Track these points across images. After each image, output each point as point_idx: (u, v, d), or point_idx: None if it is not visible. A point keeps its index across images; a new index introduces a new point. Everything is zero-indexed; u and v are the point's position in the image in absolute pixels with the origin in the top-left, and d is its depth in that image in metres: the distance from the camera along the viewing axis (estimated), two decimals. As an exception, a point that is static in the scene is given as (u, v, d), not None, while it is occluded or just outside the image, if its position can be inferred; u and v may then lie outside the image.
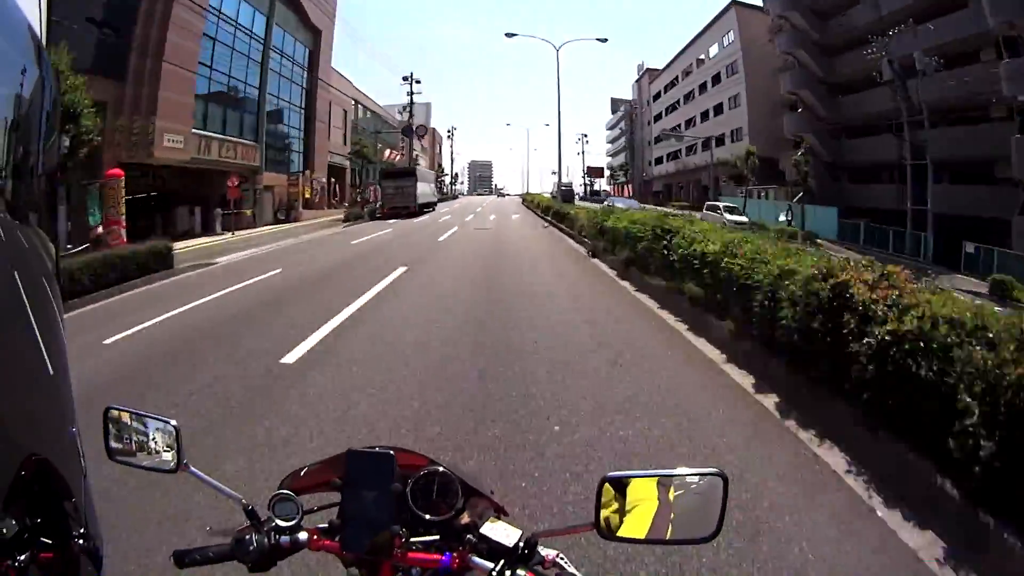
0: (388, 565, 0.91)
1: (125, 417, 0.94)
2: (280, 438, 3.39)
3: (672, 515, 0.79)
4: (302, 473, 1.07)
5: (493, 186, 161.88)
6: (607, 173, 76.66)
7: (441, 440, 3.31)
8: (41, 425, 0.36)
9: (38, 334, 0.35)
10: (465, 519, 0.96)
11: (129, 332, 6.26)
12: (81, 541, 0.38)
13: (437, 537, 0.95)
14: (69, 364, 0.87)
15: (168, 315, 7.07)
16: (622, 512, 0.81)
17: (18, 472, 0.33)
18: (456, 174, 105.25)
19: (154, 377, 4.65)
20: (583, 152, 79.21)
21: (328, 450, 4.00)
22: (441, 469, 0.98)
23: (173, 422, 0.95)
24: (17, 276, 0.33)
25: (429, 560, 0.91)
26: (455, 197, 72.93)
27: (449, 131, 79.19)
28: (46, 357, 0.36)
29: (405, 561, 0.91)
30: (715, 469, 0.81)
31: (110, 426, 0.92)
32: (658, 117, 57.36)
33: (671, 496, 0.80)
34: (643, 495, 0.81)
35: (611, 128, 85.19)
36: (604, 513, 0.82)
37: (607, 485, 0.82)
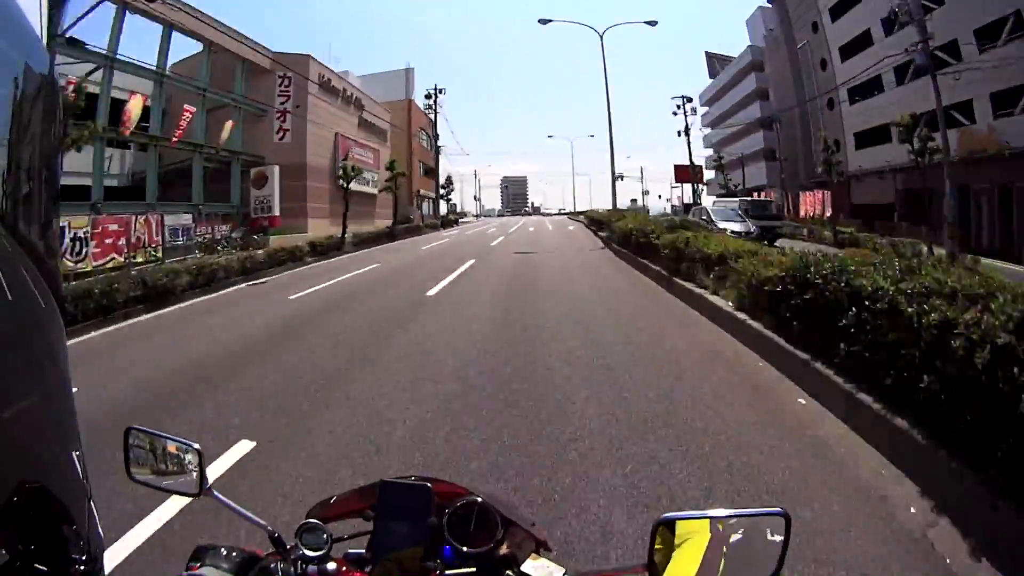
0: None
1: (146, 439, 0.93)
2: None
3: (727, 557, 0.73)
4: (332, 501, 1.05)
5: (530, 204, 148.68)
6: (708, 175, 44.45)
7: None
8: (38, 448, 0.32)
9: (33, 354, 0.30)
10: (504, 551, 0.92)
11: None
12: (81, 567, 0.34)
13: (473, 570, 0.91)
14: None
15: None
16: (671, 553, 0.76)
17: (9, 498, 0.30)
18: (476, 195, 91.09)
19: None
20: (685, 133, 37.31)
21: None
22: (479, 499, 0.94)
23: (196, 445, 0.92)
24: (7, 288, 0.29)
25: None
26: (450, 222, 42.95)
27: (430, 93, 40.30)
28: (45, 377, 0.31)
29: None
30: (778, 509, 0.75)
31: (130, 447, 0.92)
32: (849, 50, 27.93)
33: (728, 537, 0.75)
34: (697, 536, 0.75)
35: (708, 102, 51.38)
36: (657, 556, 0.76)
37: (662, 527, 0.77)
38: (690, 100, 38.56)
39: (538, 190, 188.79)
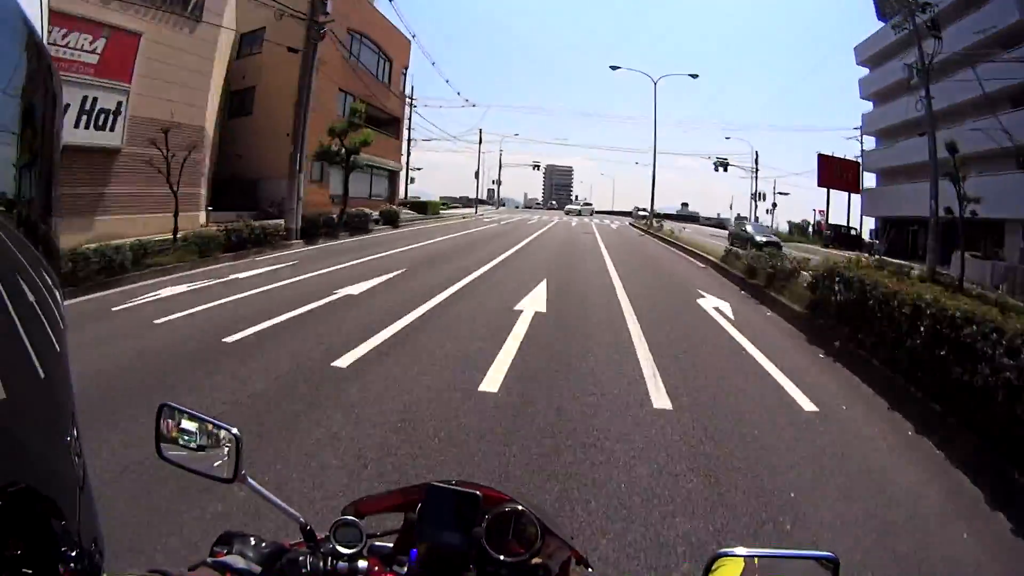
0: None
1: (182, 418, 0.88)
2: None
3: None
4: (367, 500, 1.03)
5: (574, 197, 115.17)
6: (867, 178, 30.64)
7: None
8: (23, 437, 0.29)
9: (26, 338, 0.30)
10: (541, 562, 0.91)
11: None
12: (73, 564, 0.31)
13: None
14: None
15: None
16: None
17: None
18: (497, 179, 59.57)
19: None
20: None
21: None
22: (520, 508, 0.93)
23: (235, 430, 0.87)
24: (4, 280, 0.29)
25: None
26: (394, 216, 21.94)
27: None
28: (36, 362, 0.31)
29: None
30: (828, 553, 0.74)
31: (163, 424, 0.88)
32: None
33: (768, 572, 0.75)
34: (733, 569, 0.75)
35: (876, 62, 29.16)
36: None
37: (720, 560, 0.76)
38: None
39: (585, 183, 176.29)
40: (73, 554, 0.30)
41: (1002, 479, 3.17)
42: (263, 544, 0.85)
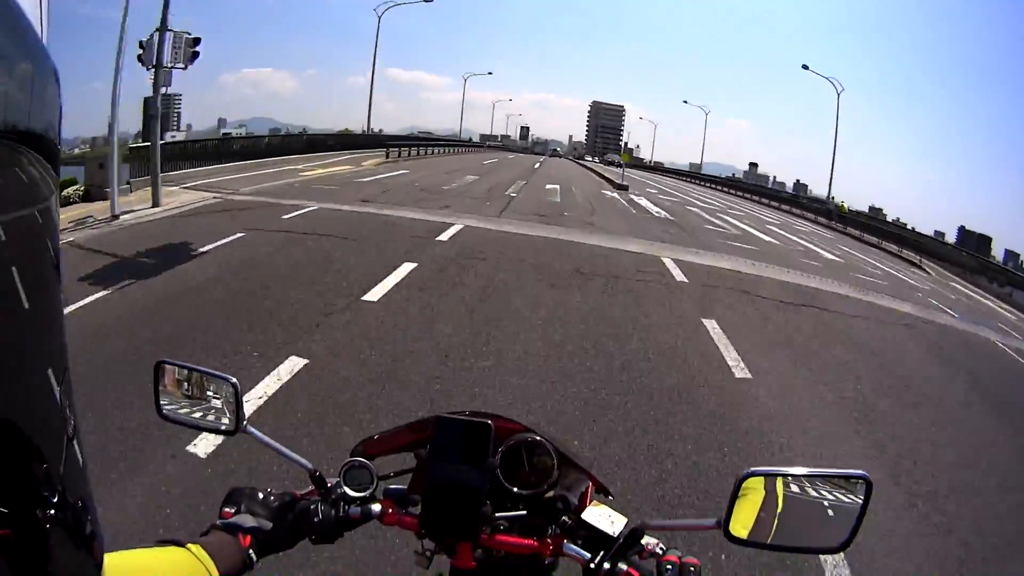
0: (470, 545, 0.83)
1: (178, 372, 0.89)
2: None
3: (800, 518, 0.73)
4: (378, 438, 0.97)
5: (622, 145, 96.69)
6: None
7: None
8: (6, 372, 0.30)
9: (16, 272, 0.30)
10: (558, 494, 0.87)
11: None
12: (53, 512, 0.30)
13: (524, 513, 0.86)
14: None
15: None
16: (746, 511, 0.73)
17: None
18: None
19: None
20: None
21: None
22: (537, 438, 0.89)
23: (233, 379, 0.87)
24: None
25: (520, 545, 0.83)
26: None
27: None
28: (21, 291, 0.31)
29: (493, 544, 0.83)
30: (860, 472, 0.72)
31: (160, 381, 0.88)
32: None
33: (804, 496, 0.73)
34: (772, 493, 0.73)
35: None
36: (735, 512, 0.72)
37: (747, 481, 0.72)
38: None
39: (638, 130, 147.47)
40: (55, 500, 0.29)
41: None
42: (272, 497, 0.84)
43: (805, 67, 31.78)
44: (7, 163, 0.30)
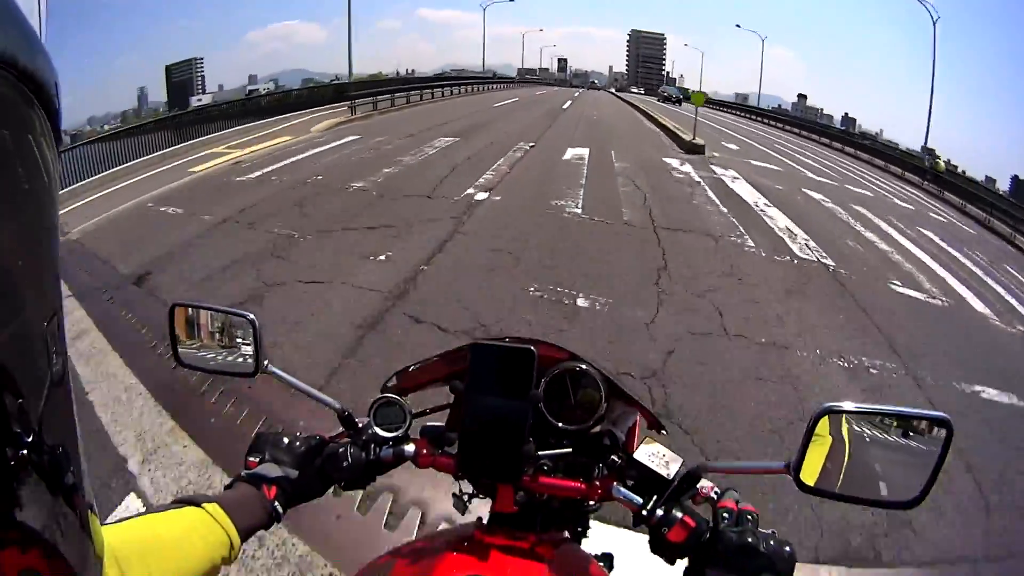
0: (511, 487, 0.77)
1: (193, 314, 0.84)
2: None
3: (869, 467, 0.67)
4: (411, 370, 0.89)
5: (664, 76, 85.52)
6: None
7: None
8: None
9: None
10: (605, 429, 0.80)
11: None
12: (30, 454, 0.27)
13: (569, 450, 0.79)
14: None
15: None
16: (814, 454, 0.66)
17: None
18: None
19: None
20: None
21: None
22: (584, 366, 0.81)
23: (251, 315, 0.80)
24: None
25: (567, 488, 0.76)
26: None
27: None
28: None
29: (536, 487, 0.76)
30: (942, 414, 0.64)
31: (175, 326, 0.83)
32: None
33: (874, 440, 0.67)
34: (839, 435, 0.66)
35: None
36: (808, 455, 0.65)
37: (826, 419, 0.65)
38: None
39: (681, 59, 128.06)
40: (28, 440, 0.27)
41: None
42: (298, 442, 0.78)
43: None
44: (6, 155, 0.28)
